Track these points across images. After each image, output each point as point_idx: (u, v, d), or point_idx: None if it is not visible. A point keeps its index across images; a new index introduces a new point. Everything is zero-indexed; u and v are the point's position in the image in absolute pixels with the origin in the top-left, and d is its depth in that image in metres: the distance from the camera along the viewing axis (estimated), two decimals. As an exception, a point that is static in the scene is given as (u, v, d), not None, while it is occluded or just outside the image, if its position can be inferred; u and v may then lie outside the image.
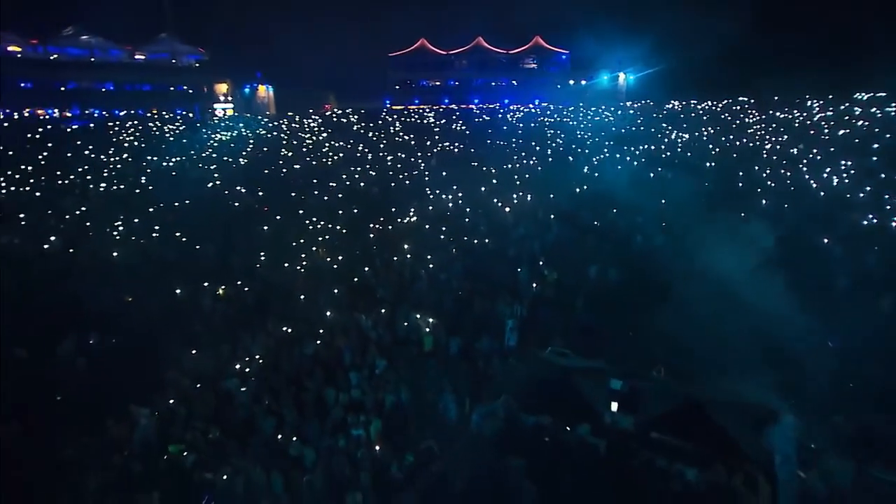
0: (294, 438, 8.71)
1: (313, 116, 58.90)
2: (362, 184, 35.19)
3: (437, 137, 50.06)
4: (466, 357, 11.26)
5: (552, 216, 26.03)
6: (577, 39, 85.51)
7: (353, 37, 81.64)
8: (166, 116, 54.77)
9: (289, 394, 9.82)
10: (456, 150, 44.66)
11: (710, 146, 43.67)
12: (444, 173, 36.97)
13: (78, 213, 27.11)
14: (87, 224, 25.39)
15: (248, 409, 9.38)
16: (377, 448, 8.05)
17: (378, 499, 7.35)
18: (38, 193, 31.07)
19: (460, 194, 31.50)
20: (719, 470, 6.64)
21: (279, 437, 8.82)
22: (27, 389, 11.04)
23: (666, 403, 7.80)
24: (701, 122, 55.97)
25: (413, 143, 48.12)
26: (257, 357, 12.46)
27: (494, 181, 34.41)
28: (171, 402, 10.13)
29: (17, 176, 33.70)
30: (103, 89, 56.63)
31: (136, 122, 50.93)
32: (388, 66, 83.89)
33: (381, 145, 46.61)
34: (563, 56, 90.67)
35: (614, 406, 7.85)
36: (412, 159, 41.62)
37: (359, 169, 37.89)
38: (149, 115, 54.89)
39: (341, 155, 43.20)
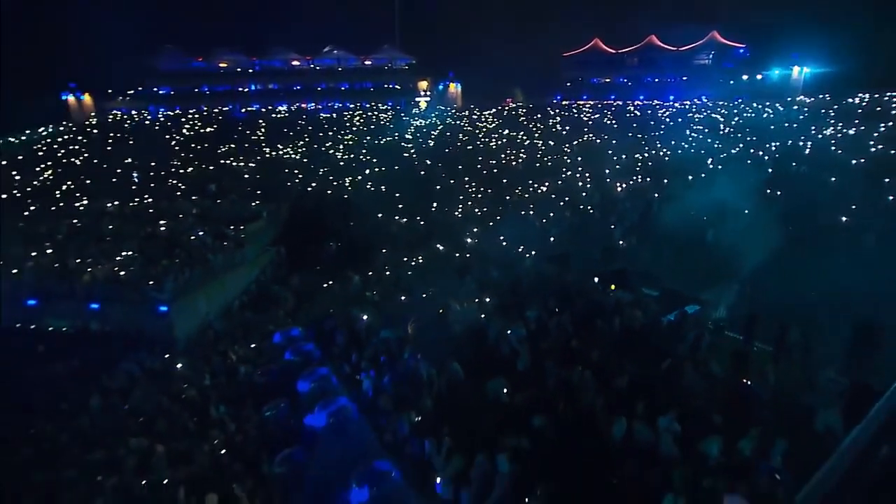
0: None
1: (491, 109, 68.19)
2: (514, 163, 44.63)
3: (585, 129, 56.19)
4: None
5: (656, 195, 32.82)
6: (757, 33, 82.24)
7: (532, 39, 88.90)
8: (381, 108, 69.79)
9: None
10: (598, 140, 50.59)
11: (872, 143, 41.37)
12: (579, 158, 44.59)
13: (324, 170, 41.31)
14: (330, 178, 39.38)
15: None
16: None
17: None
18: (304, 158, 46.29)
19: (587, 175, 39.32)
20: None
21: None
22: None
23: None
24: (877, 117, 51.44)
25: (564, 133, 55.17)
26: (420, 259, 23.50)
27: (618, 167, 41.21)
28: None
29: (291, 144, 49.87)
30: (342, 88, 74.11)
31: (361, 112, 67.03)
32: (562, 65, 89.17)
33: (537, 134, 54.71)
34: (741, 50, 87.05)
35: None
36: (558, 146, 49.26)
37: (513, 152, 47.15)
38: (369, 106, 70.45)
39: (504, 141, 52.50)
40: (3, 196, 33.60)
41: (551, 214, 29.75)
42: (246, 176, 39.63)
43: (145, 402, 13.94)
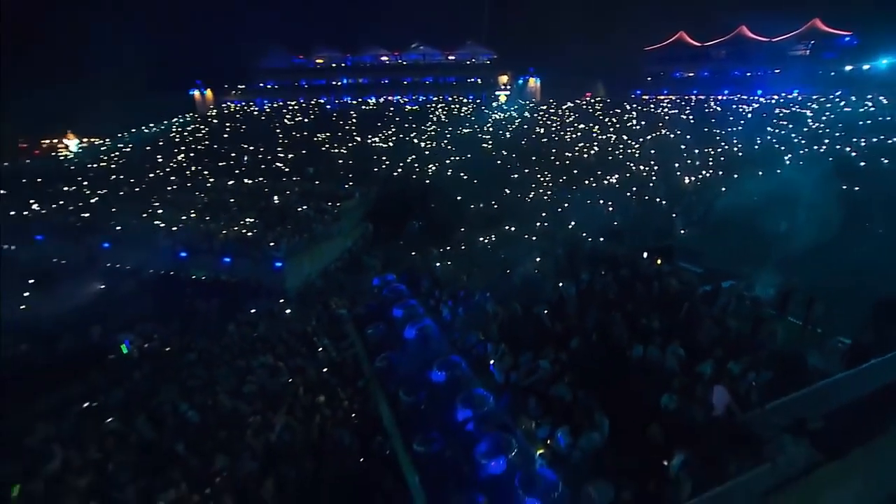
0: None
1: (568, 103, 68.72)
2: (586, 155, 45.68)
3: (661, 124, 55.57)
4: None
5: (723, 189, 33.13)
6: (866, 19, 75.62)
7: (614, 34, 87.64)
8: (463, 101, 72.41)
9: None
10: (672, 135, 50.13)
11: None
12: (652, 151, 44.85)
13: (409, 158, 44.38)
14: (415, 165, 42.45)
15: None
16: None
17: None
18: (391, 146, 49.78)
19: (655, 167, 39.82)
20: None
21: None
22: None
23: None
24: None
25: (638, 127, 54.96)
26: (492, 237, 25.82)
27: (689, 161, 41.21)
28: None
29: (380, 134, 53.55)
30: (427, 82, 77.53)
31: (444, 105, 70.04)
32: (643, 59, 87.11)
33: (612, 128, 54.98)
34: (846, 39, 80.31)
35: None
36: (632, 140, 49.49)
37: (587, 145, 48.10)
38: (451, 99, 73.30)
39: (579, 134, 53.39)
40: (151, 175, 39.80)
41: (617, 203, 31.10)
42: (340, 161, 43.70)
43: (268, 332, 17.54)
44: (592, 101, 70.91)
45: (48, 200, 33.91)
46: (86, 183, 39.62)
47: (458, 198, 34.09)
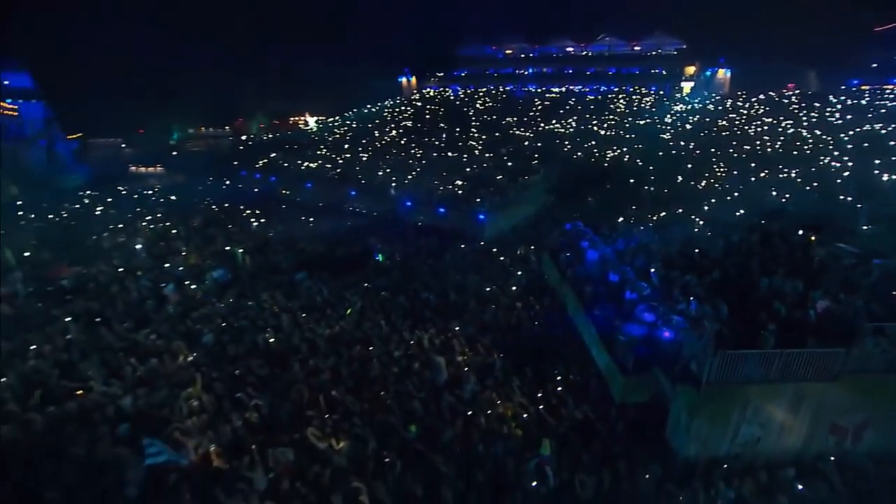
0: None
1: (760, 96, 63.43)
2: (769, 149, 43.63)
3: (869, 116, 49.13)
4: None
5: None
6: None
7: (832, 12, 77.39)
8: (644, 91, 71.66)
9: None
10: (884, 130, 44.53)
11: None
12: (849, 146, 41.36)
13: (589, 143, 47.01)
14: (594, 150, 44.87)
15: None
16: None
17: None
18: (572, 133, 52.58)
19: (849, 164, 37.16)
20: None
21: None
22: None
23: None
24: None
25: (839, 122, 49.38)
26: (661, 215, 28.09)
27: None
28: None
29: (562, 121, 56.52)
30: (610, 72, 77.93)
31: (625, 95, 70.27)
32: (869, 42, 74.17)
33: (806, 122, 50.42)
34: None
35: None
36: (827, 135, 45.21)
37: (772, 139, 45.64)
38: (633, 89, 72.92)
39: (766, 128, 50.27)
40: (370, 148, 49.01)
41: (792, 196, 30.64)
42: (525, 143, 48.33)
43: (471, 266, 22.96)
44: (791, 93, 64.48)
45: (309, 160, 44.62)
46: (325, 149, 50.63)
47: (632, 181, 36.39)
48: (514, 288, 19.47)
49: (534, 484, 9.44)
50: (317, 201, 35.65)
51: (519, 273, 21.07)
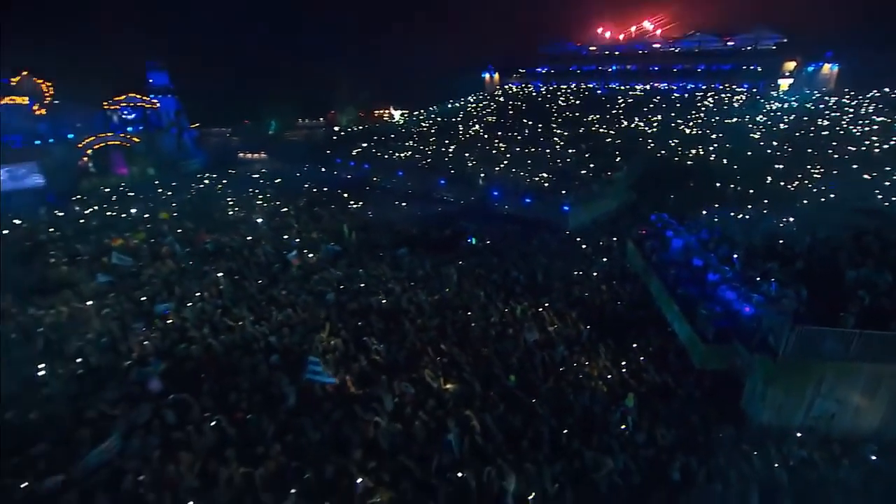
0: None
1: (874, 92, 58.28)
2: (875, 150, 40.94)
3: None
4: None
5: None
6: None
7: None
8: (735, 89, 68.14)
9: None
10: None
11: None
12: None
13: (673, 142, 46.23)
14: (678, 149, 44.25)
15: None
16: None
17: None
18: (656, 131, 51.85)
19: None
20: None
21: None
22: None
23: None
24: None
25: None
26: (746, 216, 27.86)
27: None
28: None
29: (645, 119, 55.66)
30: (698, 70, 74.80)
31: (713, 93, 67.26)
32: None
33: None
34: None
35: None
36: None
37: (880, 140, 42.65)
38: (723, 87, 69.59)
39: (875, 127, 46.69)
40: (455, 141, 51.12)
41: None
42: (607, 140, 48.41)
43: (557, 252, 24.35)
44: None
45: (398, 150, 47.59)
46: (412, 141, 53.53)
47: (716, 180, 35.89)
48: (594, 274, 20.70)
49: (621, 427, 11.00)
50: (407, 188, 38.34)
51: (604, 259, 22.28)
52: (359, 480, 9.03)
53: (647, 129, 51.98)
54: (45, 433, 10.66)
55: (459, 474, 9.24)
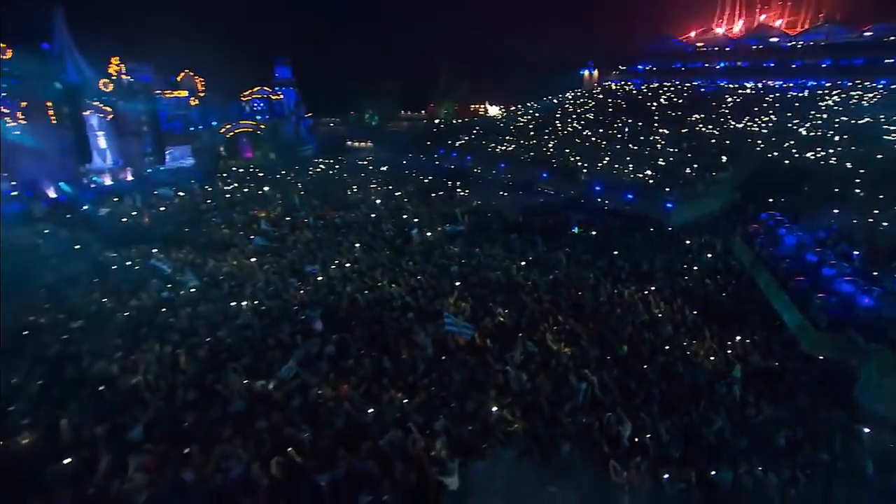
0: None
1: None
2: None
3: None
4: None
5: None
6: None
7: None
8: (868, 86, 61.40)
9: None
10: None
11: None
12: None
13: (787, 143, 43.55)
14: (793, 151, 41.57)
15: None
16: None
17: None
18: (767, 132, 48.86)
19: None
20: None
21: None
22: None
23: None
24: None
25: None
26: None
27: None
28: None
29: (756, 119, 52.62)
30: (822, 65, 68.47)
31: (839, 91, 61.38)
32: None
33: None
34: None
35: None
36: None
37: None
38: (851, 84, 62.97)
39: None
40: (554, 136, 51.70)
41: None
42: (712, 140, 46.68)
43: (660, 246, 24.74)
44: None
45: (497, 143, 49.30)
46: (510, 135, 54.92)
47: (836, 188, 33.72)
48: (695, 268, 20.99)
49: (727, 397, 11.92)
50: (508, 180, 39.91)
51: (708, 256, 22.50)
52: (494, 409, 10.85)
53: (756, 129, 49.32)
54: (243, 352, 13.49)
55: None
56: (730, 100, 62.94)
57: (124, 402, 10.59)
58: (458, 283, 17.94)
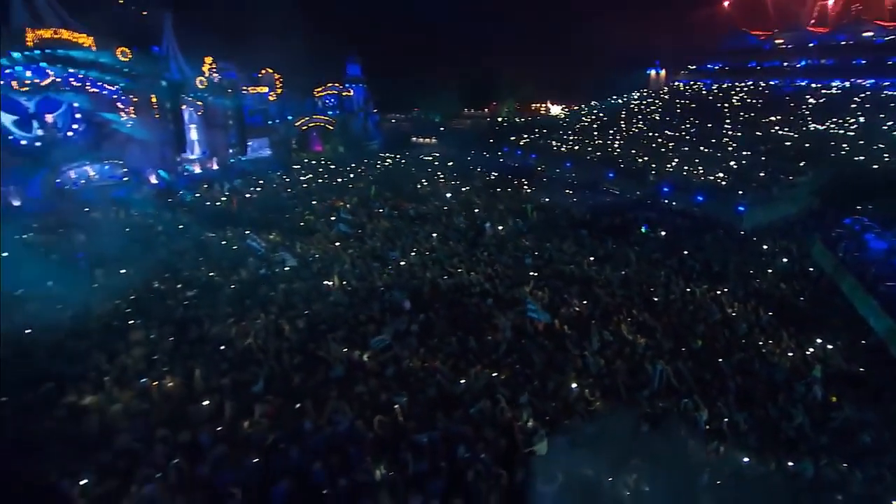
0: None
1: None
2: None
3: None
4: None
5: None
6: None
7: None
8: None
9: None
10: None
11: None
12: None
13: (877, 146, 40.81)
14: (884, 155, 39.00)
15: None
16: None
17: None
18: (853, 135, 46.05)
19: None
20: None
21: None
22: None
23: None
24: None
25: None
26: None
27: None
28: None
29: (841, 121, 49.61)
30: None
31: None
32: None
33: None
34: None
35: None
36: None
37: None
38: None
39: None
40: (619, 136, 50.98)
41: None
42: (788, 143, 44.49)
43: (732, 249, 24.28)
44: None
45: (561, 143, 49.28)
46: (574, 134, 54.60)
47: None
48: (769, 271, 20.56)
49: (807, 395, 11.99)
50: (573, 179, 39.97)
51: (784, 260, 21.96)
52: (573, 385, 11.51)
53: (841, 132, 46.50)
54: (337, 325, 14.74)
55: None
56: (811, 100, 59.38)
57: (241, 361, 11.98)
58: (533, 274, 18.59)
